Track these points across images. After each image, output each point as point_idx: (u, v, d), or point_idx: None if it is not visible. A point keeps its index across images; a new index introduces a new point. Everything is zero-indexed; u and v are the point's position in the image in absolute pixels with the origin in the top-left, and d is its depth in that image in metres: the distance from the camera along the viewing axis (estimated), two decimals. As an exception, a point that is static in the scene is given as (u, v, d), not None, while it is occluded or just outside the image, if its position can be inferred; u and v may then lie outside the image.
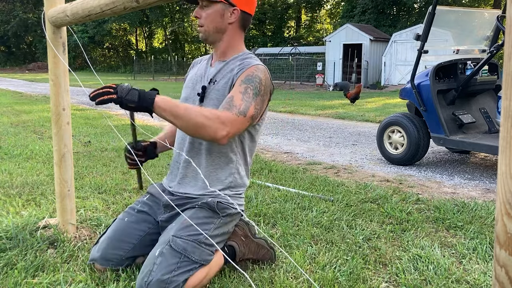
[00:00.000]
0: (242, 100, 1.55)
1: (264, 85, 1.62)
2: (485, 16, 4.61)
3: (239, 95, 1.56)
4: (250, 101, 1.56)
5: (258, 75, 1.61)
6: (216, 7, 1.63)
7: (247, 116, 1.56)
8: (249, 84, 1.59)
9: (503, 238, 0.60)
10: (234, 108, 1.53)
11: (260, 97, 1.61)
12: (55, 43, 2.01)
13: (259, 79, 1.61)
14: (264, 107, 1.67)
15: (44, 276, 1.74)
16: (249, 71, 1.62)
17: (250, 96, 1.57)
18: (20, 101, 10.58)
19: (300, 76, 21.36)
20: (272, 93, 1.73)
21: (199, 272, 1.54)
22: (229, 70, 1.69)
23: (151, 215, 1.79)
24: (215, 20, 1.64)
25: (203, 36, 1.69)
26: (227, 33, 1.69)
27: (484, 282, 1.77)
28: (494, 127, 4.09)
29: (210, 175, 1.71)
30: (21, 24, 36.47)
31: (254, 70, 1.62)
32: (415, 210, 2.71)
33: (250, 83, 1.59)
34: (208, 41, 1.72)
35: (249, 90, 1.58)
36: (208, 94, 1.69)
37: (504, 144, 0.59)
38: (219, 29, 1.67)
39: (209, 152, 1.70)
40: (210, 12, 1.63)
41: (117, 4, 1.53)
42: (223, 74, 1.69)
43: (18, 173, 3.43)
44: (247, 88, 1.58)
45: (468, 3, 24.92)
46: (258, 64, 1.66)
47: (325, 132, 6.37)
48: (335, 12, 35.40)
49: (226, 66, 1.71)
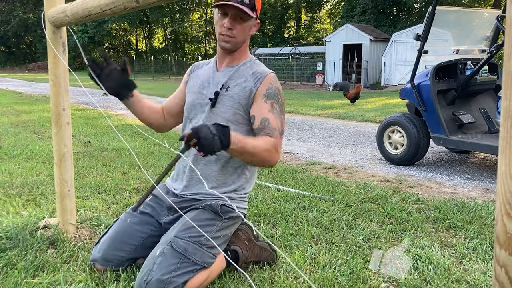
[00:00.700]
0: (276, 119, 1.65)
1: (281, 94, 1.73)
2: (485, 16, 4.61)
3: (271, 115, 1.65)
4: (280, 117, 1.68)
5: (276, 86, 1.71)
6: (251, 22, 1.69)
7: (283, 133, 1.69)
8: (273, 99, 1.68)
9: (503, 238, 0.60)
10: (276, 132, 1.63)
11: (283, 109, 1.72)
12: (55, 43, 2.01)
13: (278, 91, 1.71)
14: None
15: (44, 276, 1.74)
16: (267, 83, 1.70)
17: (278, 112, 1.68)
18: (20, 101, 10.58)
19: (300, 76, 21.36)
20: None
21: (199, 275, 1.54)
22: (241, 78, 1.72)
23: (154, 217, 1.78)
24: (246, 33, 1.71)
25: (231, 46, 1.70)
26: (246, 42, 1.76)
27: (484, 282, 1.77)
28: (494, 127, 4.09)
29: (218, 179, 1.72)
30: (21, 24, 36.45)
31: (271, 82, 1.71)
32: (415, 210, 2.71)
33: (273, 98, 1.68)
34: (231, 50, 1.73)
35: (275, 105, 1.68)
36: (221, 99, 1.71)
37: (504, 144, 0.59)
38: (245, 40, 1.73)
39: (219, 158, 1.71)
40: (246, 26, 1.68)
41: (117, 4, 1.53)
42: (236, 82, 1.72)
43: (18, 173, 3.43)
44: (273, 104, 1.67)
45: (468, 3, 24.92)
46: (270, 73, 1.74)
47: (325, 132, 6.37)
48: (335, 12, 35.39)
49: (236, 73, 1.73)
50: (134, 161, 3.97)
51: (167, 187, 1.86)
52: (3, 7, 37.57)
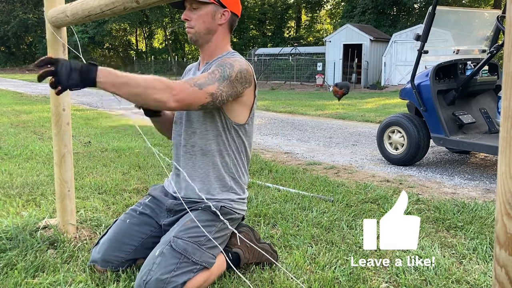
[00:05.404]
0: (204, 78, 1.51)
1: (237, 72, 1.57)
2: (485, 16, 4.61)
3: (204, 75, 1.53)
4: (213, 80, 1.51)
5: (230, 62, 1.59)
6: (208, 8, 1.64)
7: (204, 90, 1.48)
8: (219, 67, 1.56)
9: (503, 238, 0.60)
10: (191, 80, 1.49)
11: (228, 82, 1.54)
12: (55, 43, 2.01)
13: (230, 65, 1.57)
14: (234, 94, 1.60)
15: (44, 277, 1.74)
16: (224, 59, 1.62)
17: (215, 76, 1.52)
18: (20, 101, 10.58)
19: (300, 76, 21.35)
20: (255, 88, 1.71)
21: (199, 276, 1.54)
22: (210, 66, 1.68)
23: (153, 218, 1.78)
24: (206, 21, 1.65)
25: (193, 37, 1.67)
26: (217, 34, 1.69)
27: (484, 282, 1.77)
28: (494, 127, 4.09)
29: (208, 175, 1.71)
30: (21, 25, 36.43)
31: (229, 59, 1.61)
32: (415, 210, 2.71)
33: (219, 67, 1.56)
34: (198, 43, 1.70)
35: (216, 72, 1.54)
36: None
37: (504, 144, 0.59)
38: (210, 30, 1.67)
39: (203, 152, 1.70)
40: (201, 13, 1.64)
41: (117, 5, 1.53)
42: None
43: (18, 174, 3.43)
44: (215, 71, 1.55)
45: (468, 3, 24.91)
46: (237, 57, 1.65)
47: (325, 132, 6.37)
48: (335, 12, 35.38)
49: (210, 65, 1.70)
50: (134, 161, 3.97)
51: (165, 189, 1.86)
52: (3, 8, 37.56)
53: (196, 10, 1.64)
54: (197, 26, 1.65)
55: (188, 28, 1.67)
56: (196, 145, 1.71)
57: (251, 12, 33.80)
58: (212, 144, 1.69)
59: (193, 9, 1.64)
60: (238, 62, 1.60)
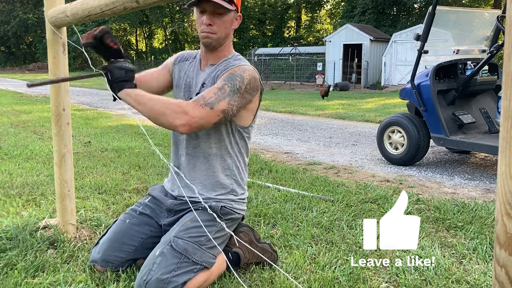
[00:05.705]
0: (215, 95, 1.53)
1: (246, 83, 1.60)
2: (485, 16, 4.61)
3: (213, 90, 1.55)
4: (223, 96, 1.54)
5: (240, 74, 1.61)
6: (231, 15, 1.64)
7: (215, 109, 1.52)
8: (228, 81, 1.58)
9: (503, 238, 0.60)
10: (201, 100, 1.52)
11: (239, 94, 1.58)
12: (55, 43, 2.01)
13: (240, 77, 1.59)
14: (244, 103, 1.62)
15: (44, 277, 1.74)
16: (232, 70, 1.62)
17: (225, 92, 1.55)
18: (20, 101, 10.58)
19: (300, 76, 21.35)
20: (261, 93, 1.72)
21: (199, 276, 1.54)
22: (216, 72, 1.68)
23: (153, 218, 1.78)
24: (228, 27, 1.66)
25: (214, 43, 1.66)
26: (229, 38, 1.71)
27: (484, 282, 1.77)
28: (494, 127, 4.09)
29: (209, 176, 1.71)
30: (21, 25, 36.43)
31: (237, 70, 1.62)
32: (415, 210, 2.71)
33: (229, 81, 1.58)
34: (212, 46, 1.68)
35: (226, 87, 1.56)
36: None
37: (504, 144, 0.59)
38: (227, 35, 1.68)
39: (205, 154, 1.70)
40: (226, 19, 1.63)
41: (117, 5, 1.53)
42: (212, 77, 1.68)
43: (18, 174, 3.43)
44: (225, 85, 1.57)
45: (468, 3, 24.91)
46: (244, 65, 1.65)
47: (325, 132, 6.37)
48: (335, 12, 35.38)
49: (216, 69, 1.69)
50: (134, 161, 3.97)
51: (165, 189, 1.86)
52: (3, 8, 37.56)
53: (221, 15, 1.61)
54: (219, 32, 1.64)
55: (210, 34, 1.63)
56: (198, 147, 1.71)
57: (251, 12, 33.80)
58: (215, 147, 1.69)
59: (218, 15, 1.61)
60: (247, 72, 1.62)
